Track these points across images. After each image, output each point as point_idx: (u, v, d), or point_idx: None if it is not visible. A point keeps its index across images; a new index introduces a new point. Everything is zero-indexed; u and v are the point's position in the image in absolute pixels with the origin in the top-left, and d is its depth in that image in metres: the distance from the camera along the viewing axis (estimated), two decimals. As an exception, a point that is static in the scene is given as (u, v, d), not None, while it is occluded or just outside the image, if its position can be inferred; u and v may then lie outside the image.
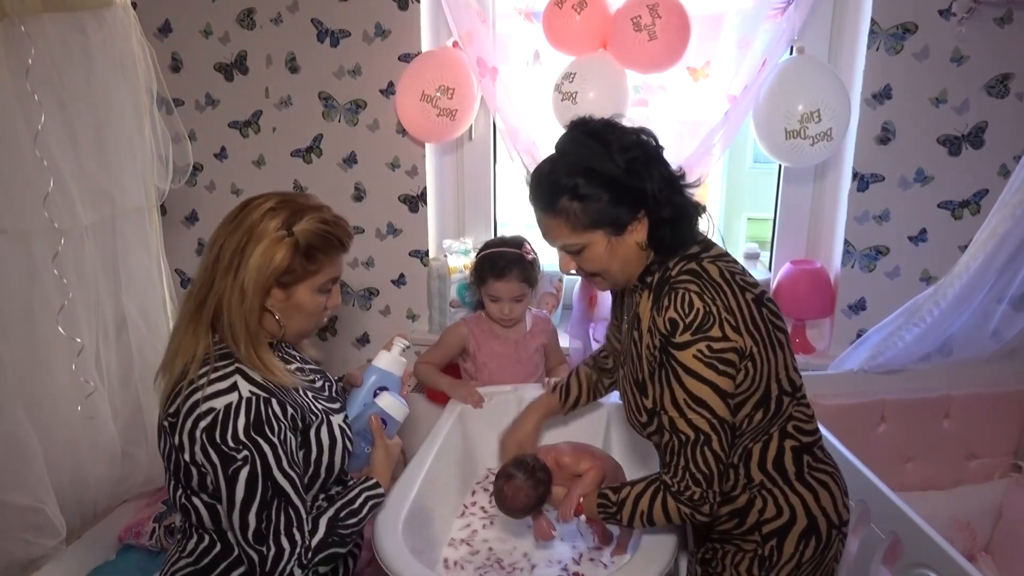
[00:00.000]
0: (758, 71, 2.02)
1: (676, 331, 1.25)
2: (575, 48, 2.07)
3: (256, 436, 1.18)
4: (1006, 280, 1.98)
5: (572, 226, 1.31)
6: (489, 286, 2.00)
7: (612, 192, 1.28)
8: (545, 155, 1.27)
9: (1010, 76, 2.03)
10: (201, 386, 1.21)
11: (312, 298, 1.31)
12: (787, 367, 1.33)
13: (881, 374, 2.10)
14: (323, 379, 1.45)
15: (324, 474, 1.32)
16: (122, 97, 1.79)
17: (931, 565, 1.43)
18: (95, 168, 1.77)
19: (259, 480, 1.18)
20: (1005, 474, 2.17)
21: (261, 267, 1.23)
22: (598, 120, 1.35)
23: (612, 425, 1.87)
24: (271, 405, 1.22)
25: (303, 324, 1.34)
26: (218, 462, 1.19)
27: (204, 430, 1.18)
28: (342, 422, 1.37)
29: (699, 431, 1.24)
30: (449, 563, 1.58)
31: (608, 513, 1.37)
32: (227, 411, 1.19)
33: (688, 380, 1.24)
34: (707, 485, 1.25)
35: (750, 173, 5.29)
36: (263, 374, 1.25)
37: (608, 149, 1.28)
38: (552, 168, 1.32)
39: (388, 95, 2.36)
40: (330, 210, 1.34)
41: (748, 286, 1.32)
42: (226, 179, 2.59)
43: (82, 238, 1.78)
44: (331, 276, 1.33)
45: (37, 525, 1.77)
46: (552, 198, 1.30)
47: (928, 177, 2.15)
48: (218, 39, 2.44)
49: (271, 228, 1.24)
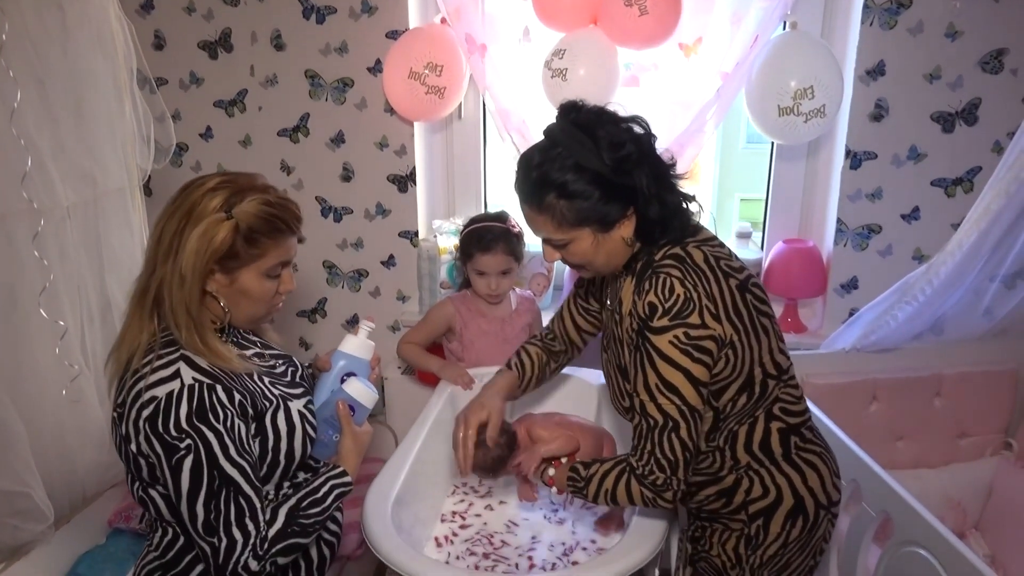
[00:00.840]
0: (750, 47, 2.00)
1: (654, 315, 1.23)
2: (565, 24, 2.04)
3: (199, 424, 1.14)
4: (999, 258, 1.98)
5: (558, 223, 1.28)
6: (476, 260, 1.99)
7: (601, 190, 1.25)
8: (536, 136, 1.23)
9: (1004, 51, 2.01)
10: (144, 375, 1.17)
11: (259, 283, 1.25)
12: (772, 351, 1.32)
13: (873, 353, 2.10)
14: (287, 364, 1.39)
15: (284, 461, 1.27)
16: (101, 75, 1.75)
17: (922, 543, 1.43)
18: (75, 147, 1.73)
19: (204, 469, 1.13)
20: (996, 452, 2.18)
21: (199, 251, 1.17)
22: (590, 108, 1.30)
23: (603, 408, 1.86)
24: (215, 392, 1.17)
25: (252, 310, 1.28)
26: (161, 452, 1.14)
27: (147, 419, 1.14)
28: (303, 407, 1.31)
29: (668, 417, 1.23)
30: (440, 540, 1.58)
31: (576, 487, 1.36)
32: (168, 399, 1.14)
33: (661, 365, 1.23)
34: (671, 472, 1.24)
35: (743, 153, 5.27)
36: (209, 360, 1.20)
37: (599, 145, 1.24)
38: (541, 160, 1.27)
39: (375, 73, 2.32)
40: (276, 191, 1.26)
41: (732, 272, 1.30)
42: (212, 159, 2.55)
43: (63, 219, 1.75)
44: (279, 260, 1.26)
45: (24, 510, 1.75)
46: (539, 194, 1.27)
47: (921, 154, 2.13)
48: (202, 16, 2.39)
49: (210, 209, 1.18)
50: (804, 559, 1.39)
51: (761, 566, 1.37)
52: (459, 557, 1.54)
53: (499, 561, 1.52)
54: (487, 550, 1.55)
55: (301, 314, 2.66)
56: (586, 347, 1.69)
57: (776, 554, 1.36)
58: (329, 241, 2.55)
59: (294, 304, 2.66)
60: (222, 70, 2.44)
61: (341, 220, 2.52)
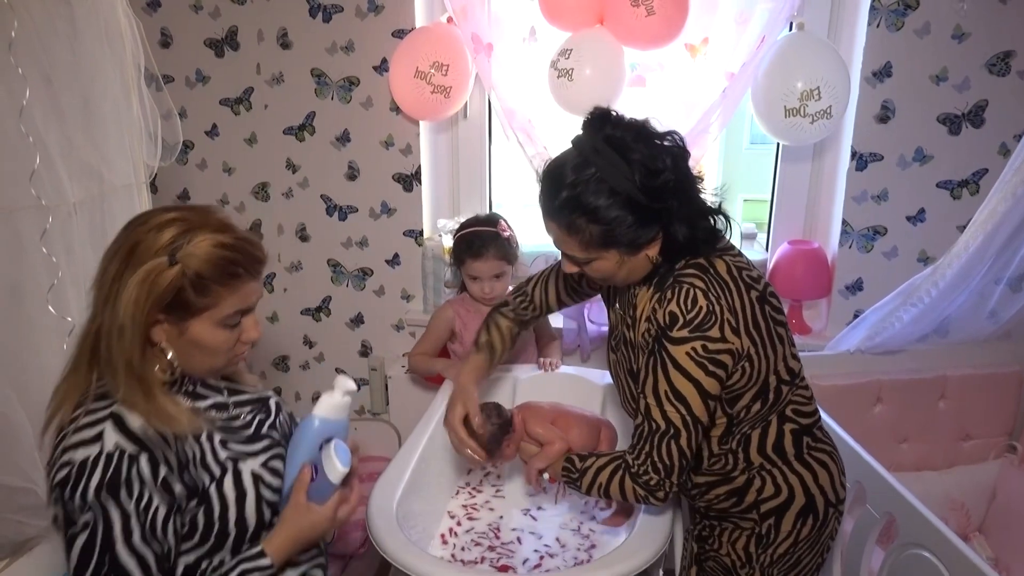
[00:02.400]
0: (756, 48, 2.00)
1: (675, 325, 1.22)
2: (571, 23, 2.04)
3: (107, 498, 0.99)
4: (1004, 261, 1.97)
5: (585, 244, 1.25)
6: (468, 266, 2.02)
7: (634, 215, 1.20)
8: (542, 136, 1.20)
9: (1011, 54, 2.01)
10: (67, 433, 1.04)
11: (213, 334, 1.08)
12: (786, 357, 1.32)
13: (878, 355, 2.09)
14: (256, 412, 1.23)
15: (235, 530, 1.12)
16: (109, 71, 1.75)
17: (926, 545, 1.42)
18: (83, 144, 1.73)
19: (95, 552, 0.99)
20: (1000, 455, 2.17)
21: (138, 300, 1.01)
22: (626, 124, 1.22)
23: (608, 408, 1.86)
24: (137, 464, 1.01)
25: (208, 362, 1.12)
26: (63, 522, 1.02)
27: (58, 484, 1.01)
28: (260, 466, 1.15)
29: (671, 424, 1.23)
30: (445, 536, 1.58)
31: (571, 479, 1.37)
32: (83, 466, 1.00)
33: (674, 374, 1.22)
34: (665, 475, 1.25)
35: (747, 154, 5.27)
36: (148, 420, 1.04)
37: (633, 168, 1.18)
38: (574, 180, 1.20)
39: (382, 72, 2.33)
40: (234, 230, 1.08)
41: (753, 283, 1.29)
42: (217, 157, 2.56)
43: (70, 216, 1.75)
44: (236, 308, 1.09)
45: (29, 506, 1.76)
46: (569, 215, 1.22)
47: (927, 156, 2.13)
48: (208, 14, 2.40)
49: (153, 250, 1.02)
50: (813, 557, 1.39)
51: (771, 564, 1.36)
52: (464, 548, 1.55)
53: (504, 556, 1.52)
54: (492, 543, 1.56)
55: (305, 312, 2.67)
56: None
57: (786, 552, 1.36)
58: (334, 239, 2.55)
59: (299, 302, 2.66)
60: (228, 68, 2.45)
61: (346, 219, 2.52)
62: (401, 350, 2.59)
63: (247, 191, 2.57)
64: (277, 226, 2.59)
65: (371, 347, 2.65)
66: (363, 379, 2.70)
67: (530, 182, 2.16)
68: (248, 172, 2.55)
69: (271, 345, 2.75)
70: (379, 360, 2.64)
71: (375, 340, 2.64)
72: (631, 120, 1.24)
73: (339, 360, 2.70)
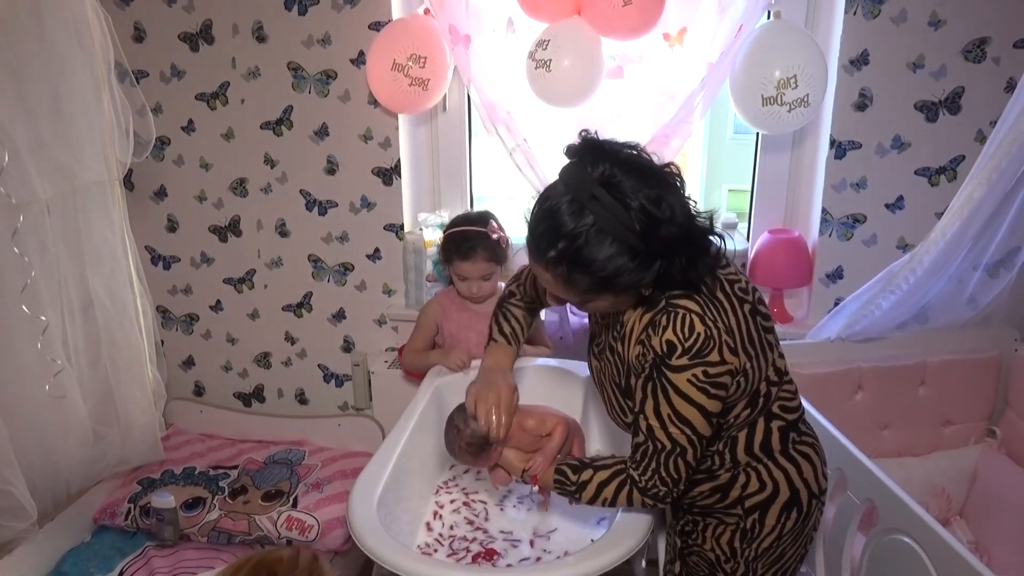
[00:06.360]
0: (734, 36, 1.99)
1: (673, 354, 1.18)
2: (549, 14, 2.02)
3: None
4: (982, 247, 1.99)
5: (582, 293, 1.21)
6: (456, 266, 2.01)
7: (634, 262, 1.14)
8: (523, 129, 1.15)
9: (987, 40, 2.02)
10: None
11: None
12: (774, 360, 1.32)
13: (858, 342, 2.10)
14: None
15: None
16: (79, 66, 1.73)
17: (906, 530, 1.43)
18: (52, 140, 1.70)
19: None
20: (980, 440, 2.19)
21: None
22: (623, 162, 1.14)
23: (590, 400, 1.86)
24: None
25: None
26: None
27: None
28: None
29: (676, 444, 1.23)
30: (431, 527, 1.58)
31: (567, 491, 1.35)
32: None
33: (677, 400, 1.20)
34: (673, 485, 1.26)
35: (730, 144, 5.27)
36: None
37: (632, 217, 1.11)
38: (572, 231, 1.13)
39: (359, 65, 2.30)
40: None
41: (743, 295, 1.28)
42: (194, 153, 2.53)
43: (42, 214, 1.73)
44: None
45: (6, 508, 1.74)
46: (568, 268, 1.16)
47: (905, 144, 2.13)
48: (182, 7, 2.36)
49: None
50: (796, 549, 1.39)
51: (756, 558, 1.37)
52: (446, 543, 1.54)
53: (487, 553, 1.52)
54: (475, 536, 1.56)
55: (287, 308, 2.65)
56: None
57: (771, 546, 1.36)
58: (314, 235, 2.53)
59: (280, 299, 2.64)
60: (203, 62, 2.41)
61: (326, 214, 2.50)
62: (384, 345, 2.58)
63: (225, 187, 2.54)
64: (256, 222, 2.56)
65: (354, 342, 2.64)
66: (346, 375, 2.68)
67: (512, 175, 2.16)
68: (226, 168, 2.52)
69: (252, 342, 2.72)
70: (362, 355, 2.63)
71: (357, 335, 2.63)
72: (626, 155, 1.16)
73: (321, 356, 2.69)
